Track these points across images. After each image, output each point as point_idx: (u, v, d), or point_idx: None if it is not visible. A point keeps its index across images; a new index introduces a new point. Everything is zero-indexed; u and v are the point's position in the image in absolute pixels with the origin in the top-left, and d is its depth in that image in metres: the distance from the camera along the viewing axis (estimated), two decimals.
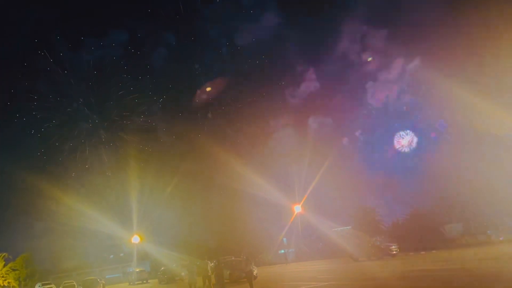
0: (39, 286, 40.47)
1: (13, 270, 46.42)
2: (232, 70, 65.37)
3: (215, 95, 61.69)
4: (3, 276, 45.12)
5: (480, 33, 41.92)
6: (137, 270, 44.72)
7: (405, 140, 53.12)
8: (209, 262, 22.92)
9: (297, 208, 52.67)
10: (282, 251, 57.07)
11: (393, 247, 33.71)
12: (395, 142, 53.65)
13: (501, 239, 39.84)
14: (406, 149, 53.20)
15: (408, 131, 53.28)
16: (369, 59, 57.10)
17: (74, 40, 64.09)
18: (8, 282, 45.23)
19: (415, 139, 52.96)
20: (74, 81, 57.63)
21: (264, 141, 60.12)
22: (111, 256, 59.31)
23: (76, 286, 38.58)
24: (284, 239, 56.89)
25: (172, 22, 67.86)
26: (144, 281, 42.89)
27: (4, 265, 45.74)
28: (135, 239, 51.43)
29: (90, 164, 57.39)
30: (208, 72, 63.32)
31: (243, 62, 64.15)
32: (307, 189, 52.21)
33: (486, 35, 41.30)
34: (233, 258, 31.53)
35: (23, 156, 56.27)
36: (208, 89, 60.66)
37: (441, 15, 47.72)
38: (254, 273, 23.52)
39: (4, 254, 45.80)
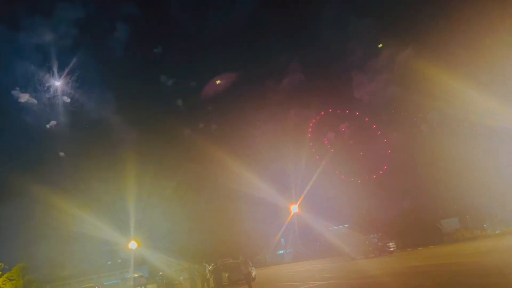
0: None
1: (10, 280, 45.96)
2: (225, 66, 65.04)
3: (208, 93, 61.38)
4: None
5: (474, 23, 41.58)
6: (135, 275, 44.58)
7: None
8: (207, 265, 22.91)
9: (294, 208, 52.67)
10: (281, 251, 57.10)
11: (391, 244, 33.84)
12: None
13: (497, 232, 40.07)
14: None
15: None
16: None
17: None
18: None
19: None
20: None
21: (259, 140, 59.94)
22: (109, 262, 58.92)
23: None
24: (282, 239, 56.93)
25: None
26: (143, 287, 42.79)
27: (1, 276, 45.30)
28: (132, 244, 51.14)
29: (85, 167, 56.77)
30: (198, 67, 62.90)
31: (239, 57, 63.95)
32: (303, 189, 52.27)
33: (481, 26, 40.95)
34: (231, 261, 31.55)
35: (14, 161, 55.52)
36: (218, 82, 58.98)
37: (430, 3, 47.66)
38: (253, 274, 23.53)
39: (0, 264, 45.38)
